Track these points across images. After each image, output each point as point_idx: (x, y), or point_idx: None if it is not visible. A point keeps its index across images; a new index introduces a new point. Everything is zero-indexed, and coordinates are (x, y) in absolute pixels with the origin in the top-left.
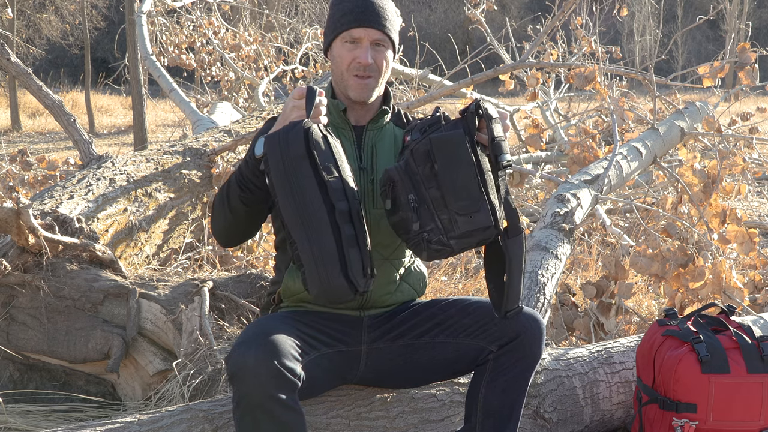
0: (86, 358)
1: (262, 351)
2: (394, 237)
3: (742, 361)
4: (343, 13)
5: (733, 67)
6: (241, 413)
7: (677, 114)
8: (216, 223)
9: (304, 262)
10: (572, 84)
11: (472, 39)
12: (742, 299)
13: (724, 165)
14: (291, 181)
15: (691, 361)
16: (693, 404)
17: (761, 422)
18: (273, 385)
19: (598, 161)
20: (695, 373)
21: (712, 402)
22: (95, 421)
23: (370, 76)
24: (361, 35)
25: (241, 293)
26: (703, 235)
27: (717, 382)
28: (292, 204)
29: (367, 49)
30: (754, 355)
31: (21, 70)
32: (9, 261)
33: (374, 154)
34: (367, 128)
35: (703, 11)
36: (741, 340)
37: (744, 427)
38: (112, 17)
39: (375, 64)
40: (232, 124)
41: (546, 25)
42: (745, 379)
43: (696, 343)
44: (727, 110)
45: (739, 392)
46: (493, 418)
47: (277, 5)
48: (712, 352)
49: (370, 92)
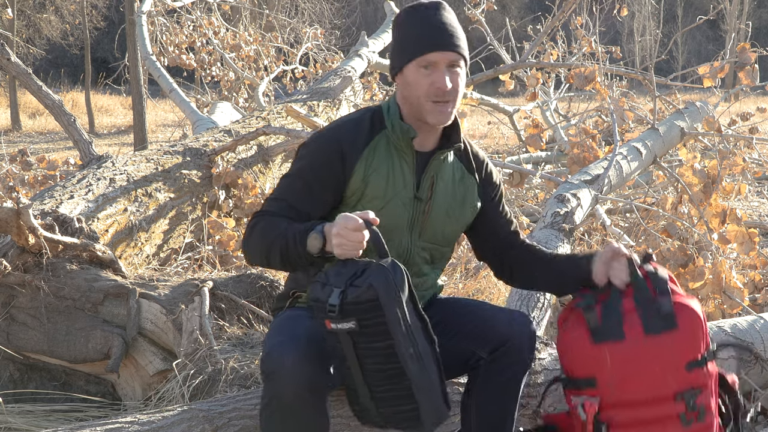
0: (86, 358)
1: (302, 353)
2: (427, 268)
3: (639, 322)
4: (418, 36)
5: (733, 67)
6: (269, 412)
7: (677, 114)
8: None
9: (419, 398)
10: (572, 84)
11: (472, 39)
12: (742, 299)
13: (724, 165)
14: (406, 321)
15: (583, 333)
16: (591, 378)
17: (673, 385)
18: (307, 388)
19: (598, 161)
20: (587, 344)
21: (611, 372)
22: (95, 421)
23: (448, 101)
24: (438, 59)
25: (241, 293)
26: (703, 235)
27: (611, 351)
28: (408, 342)
29: (444, 73)
30: (653, 313)
31: (21, 70)
32: (9, 261)
33: (433, 186)
34: (434, 158)
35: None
36: (640, 297)
37: (654, 394)
38: (112, 17)
39: (453, 88)
40: (232, 124)
41: (546, 25)
42: (641, 342)
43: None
44: (727, 110)
45: (639, 358)
46: (487, 422)
47: (277, 5)
48: (606, 317)
49: (449, 117)
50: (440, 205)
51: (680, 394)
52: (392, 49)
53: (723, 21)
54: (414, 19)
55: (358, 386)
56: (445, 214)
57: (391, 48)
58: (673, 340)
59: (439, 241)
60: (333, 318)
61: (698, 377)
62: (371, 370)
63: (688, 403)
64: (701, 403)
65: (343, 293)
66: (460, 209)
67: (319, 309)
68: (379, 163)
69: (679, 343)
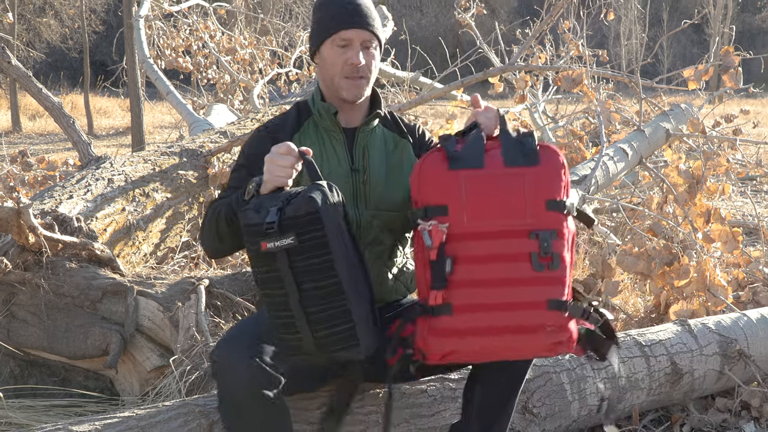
0: (85, 355)
1: (244, 348)
2: (385, 237)
3: (500, 156)
4: (331, 16)
5: (717, 70)
6: (225, 408)
7: (663, 116)
8: (205, 242)
9: (355, 313)
10: (560, 86)
11: (462, 42)
12: (726, 297)
13: (708, 166)
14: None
15: (438, 159)
16: (443, 206)
17: (529, 220)
18: (254, 382)
19: (585, 162)
20: (442, 170)
21: (465, 200)
22: (94, 415)
23: (362, 77)
24: (352, 37)
25: (236, 291)
26: (688, 234)
27: (468, 177)
28: (346, 255)
29: (357, 50)
30: (516, 149)
31: (21, 73)
32: (10, 259)
33: (366, 156)
34: (359, 130)
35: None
36: (504, 137)
37: (508, 226)
38: (110, 21)
39: (366, 65)
40: (227, 126)
41: (534, 28)
42: (501, 172)
43: (445, 140)
44: (711, 112)
45: (497, 188)
46: (486, 412)
47: (271, 9)
48: (467, 148)
49: (363, 91)
50: (378, 173)
51: (535, 233)
52: (311, 31)
53: (707, 25)
54: (330, 1)
55: (294, 310)
56: (385, 180)
57: (311, 31)
58: (535, 174)
59: (388, 207)
60: (271, 236)
61: (556, 219)
62: (308, 289)
63: (542, 245)
64: (556, 251)
65: (281, 210)
66: (400, 173)
67: (254, 233)
68: (311, 146)
69: (541, 177)
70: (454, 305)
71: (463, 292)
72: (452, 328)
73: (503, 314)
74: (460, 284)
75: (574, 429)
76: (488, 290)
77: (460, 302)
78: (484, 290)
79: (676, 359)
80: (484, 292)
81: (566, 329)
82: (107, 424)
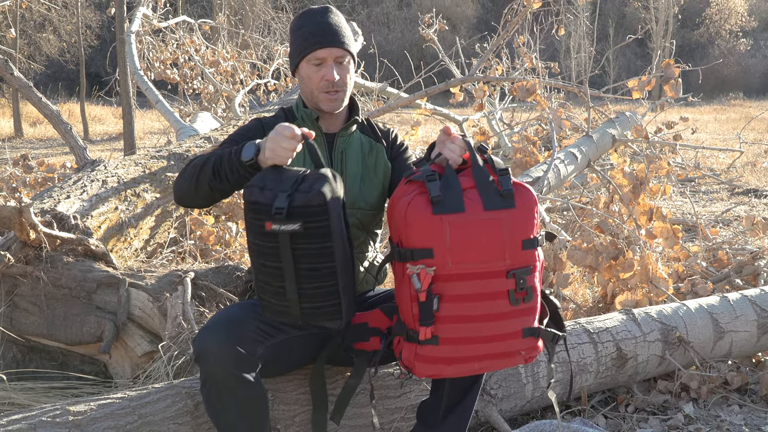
0: (81, 341)
1: (223, 334)
2: (360, 233)
3: (479, 198)
4: (305, 38)
5: (659, 81)
6: (207, 390)
7: (609, 123)
8: (179, 185)
9: (343, 295)
10: (515, 96)
11: (426, 56)
12: (667, 288)
13: (651, 168)
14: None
15: (422, 203)
16: (428, 249)
17: (507, 261)
18: (233, 365)
19: (538, 165)
20: (426, 215)
21: (449, 244)
22: (89, 397)
23: (338, 91)
24: (325, 56)
25: (219, 283)
26: (632, 230)
27: (451, 222)
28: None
29: (331, 67)
30: (492, 191)
31: (23, 84)
32: (12, 254)
33: (343, 159)
34: (338, 135)
35: (633, 31)
36: (479, 177)
37: (488, 268)
38: (104, 36)
39: (341, 79)
40: (211, 132)
41: (492, 43)
42: (481, 216)
43: (429, 181)
44: (653, 119)
45: (478, 231)
46: (457, 387)
47: (251, 25)
48: (446, 190)
49: (340, 104)
50: (354, 175)
51: (512, 272)
52: (290, 50)
53: (650, 39)
54: (304, 23)
55: (287, 283)
56: (361, 181)
57: (290, 50)
58: (511, 217)
59: (363, 206)
60: (277, 220)
61: (531, 257)
62: (304, 269)
63: (518, 282)
64: (530, 285)
65: (291, 197)
66: (374, 174)
67: (259, 211)
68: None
69: (517, 220)
70: (440, 338)
71: (448, 327)
72: (438, 356)
73: (484, 345)
74: (446, 320)
75: (528, 409)
76: (471, 325)
77: (445, 336)
78: (467, 325)
79: (622, 345)
80: (467, 326)
81: (537, 348)
82: (102, 405)
